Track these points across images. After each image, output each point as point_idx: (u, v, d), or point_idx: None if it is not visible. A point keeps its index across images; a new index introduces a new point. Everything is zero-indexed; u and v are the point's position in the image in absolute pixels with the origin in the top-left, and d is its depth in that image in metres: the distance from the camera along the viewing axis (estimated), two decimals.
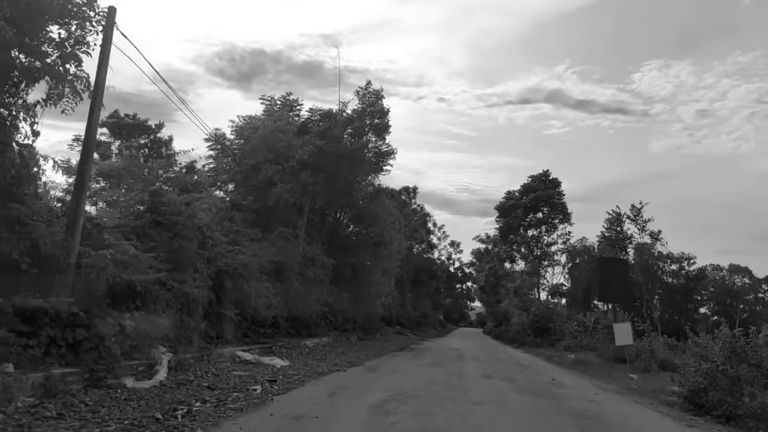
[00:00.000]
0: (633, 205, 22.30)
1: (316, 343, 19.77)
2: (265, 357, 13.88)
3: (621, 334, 16.21)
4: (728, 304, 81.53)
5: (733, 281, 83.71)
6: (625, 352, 17.41)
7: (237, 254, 15.34)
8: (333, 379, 11.46)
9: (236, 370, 11.61)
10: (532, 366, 18.84)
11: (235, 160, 24.87)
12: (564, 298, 53.98)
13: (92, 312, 8.61)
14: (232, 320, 14.78)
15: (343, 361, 15.53)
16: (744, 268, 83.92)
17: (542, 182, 39.38)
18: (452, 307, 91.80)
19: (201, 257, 13.94)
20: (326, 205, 27.84)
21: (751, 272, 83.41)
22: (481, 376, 13.87)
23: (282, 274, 19.59)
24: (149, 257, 11.45)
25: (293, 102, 27.25)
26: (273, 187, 21.96)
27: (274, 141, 22.87)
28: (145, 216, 12.65)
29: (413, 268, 51.52)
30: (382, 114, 27.25)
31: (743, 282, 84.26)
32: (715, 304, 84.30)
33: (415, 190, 49.95)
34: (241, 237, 17.90)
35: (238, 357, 13.04)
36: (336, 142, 24.46)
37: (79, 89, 9.31)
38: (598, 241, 57.72)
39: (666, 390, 12.82)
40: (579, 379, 15.15)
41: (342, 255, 29.07)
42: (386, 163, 26.49)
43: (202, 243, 14.40)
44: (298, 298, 20.19)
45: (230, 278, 14.88)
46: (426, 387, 10.97)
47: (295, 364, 13.70)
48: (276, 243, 19.77)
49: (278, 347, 16.03)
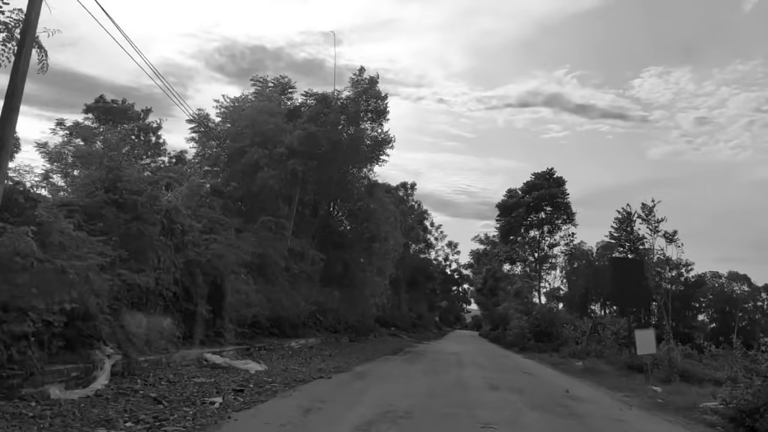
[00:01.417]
0: (644, 204, 20.54)
1: (302, 344, 17.96)
2: (239, 360, 12.08)
3: (643, 342, 14.41)
4: (727, 312, 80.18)
5: (732, 289, 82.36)
6: (642, 360, 15.67)
7: (210, 243, 13.53)
8: (313, 389, 9.67)
9: (199, 376, 9.81)
10: (539, 374, 17.09)
11: (220, 145, 23.06)
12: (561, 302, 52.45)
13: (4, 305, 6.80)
14: (203, 318, 12.97)
15: (329, 365, 13.72)
16: (743, 275, 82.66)
17: (546, 180, 37.64)
18: (448, 310, 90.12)
19: (167, 245, 12.13)
20: (318, 197, 26.03)
21: (750, 279, 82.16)
22: (486, 387, 12.10)
23: (266, 268, 17.79)
24: (97, 241, 9.64)
25: (286, 84, 25.43)
26: (259, 172, 20.18)
27: (261, 123, 21.07)
28: (98, 194, 10.82)
29: (409, 268, 49.72)
30: (378, 98, 25.46)
31: (742, 290, 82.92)
32: (713, 311, 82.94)
33: (413, 186, 48.15)
34: (220, 226, 16.08)
35: (206, 360, 11.24)
36: (330, 128, 22.68)
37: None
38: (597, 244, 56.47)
39: (699, 406, 11.11)
40: (595, 391, 13.39)
41: (334, 251, 27.27)
42: (383, 152, 24.70)
43: (169, 229, 12.59)
44: (283, 296, 18.39)
45: (202, 270, 13.08)
46: (423, 402, 9.19)
47: (273, 369, 11.89)
48: (259, 234, 17.96)
49: (257, 349, 14.23)
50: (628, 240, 25.78)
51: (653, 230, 20.12)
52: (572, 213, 37.83)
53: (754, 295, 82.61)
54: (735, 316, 77.39)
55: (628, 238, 25.83)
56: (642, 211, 20.85)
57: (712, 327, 78.43)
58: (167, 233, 12.38)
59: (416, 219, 50.09)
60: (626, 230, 26.47)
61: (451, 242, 66.62)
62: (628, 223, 26.01)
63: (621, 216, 26.97)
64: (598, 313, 54.72)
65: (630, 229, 25.63)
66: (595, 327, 28.71)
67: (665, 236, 19.63)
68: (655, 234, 19.99)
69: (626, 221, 26.40)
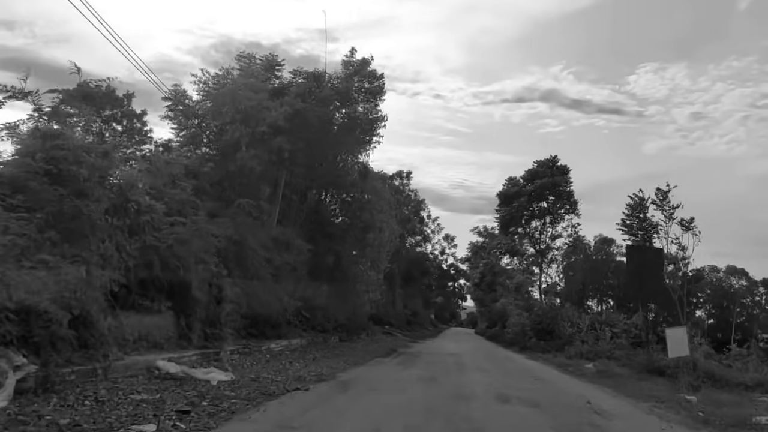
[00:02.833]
0: (659, 188, 18.64)
1: (283, 346, 16.02)
2: (201, 368, 10.13)
3: (675, 343, 12.48)
4: (725, 307, 79.02)
5: (730, 283, 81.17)
6: (672, 363, 13.83)
7: (172, 226, 11.53)
8: (283, 408, 7.71)
9: (142, 391, 7.83)
10: (549, 379, 15.24)
11: (200, 125, 20.98)
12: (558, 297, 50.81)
13: None
14: (162, 315, 11.01)
15: (310, 372, 11.78)
16: (740, 269, 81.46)
17: (549, 168, 35.73)
18: (443, 306, 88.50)
19: (116, 227, 10.15)
20: (308, 182, 24.01)
21: (747, 274, 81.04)
22: (495, 399, 10.20)
23: (244, 259, 15.81)
24: (15, 218, 7.65)
25: (273, 61, 23.32)
26: (238, 152, 18.17)
27: (243, 100, 18.99)
28: (25, 162, 8.80)
29: (405, 262, 47.86)
30: (373, 77, 23.46)
31: (740, 284, 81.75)
32: (711, 306, 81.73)
33: (408, 174, 46.07)
34: (191, 209, 14.06)
35: (157, 369, 9.26)
36: (320, 106, 20.66)
37: None
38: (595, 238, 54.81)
39: (752, 421, 9.34)
40: (620, 402, 11.53)
41: (325, 242, 25.32)
42: (376, 132, 22.71)
43: (121, 208, 10.61)
44: (264, 290, 16.44)
45: (162, 259, 11.09)
46: (420, 422, 7.30)
47: (242, 379, 9.95)
48: (237, 219, 15.96)
49: (228, 353, 12.27)
50: (642, 227, 23.85)
51: (668, 217, 18.17)
52: (575, 202, 36.02)
53: (752, 290, 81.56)
54: (733, 312, 76.25)
55: (641, 225, 23.91)
56: (656, 196, 18.88)
57: (710, 323, 77.32)
58: (118, 213, 10.39)
59: (413, 210, 48.06)
60: (638, 217, 24.57)
61: (448, 235, 64.81)
62: (640, 210, 24.11)
63: (633, 202, 25.05)
64: (594, 309, 53.37)
65: (643, 215, 23.73)
66: (592, 324, 27.24)
67: (681, 223, 17.70)
68: (670, 221, 18.03)
69: (639, 207, 24.48)
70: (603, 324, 26.42)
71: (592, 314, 35.41)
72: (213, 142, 19.73)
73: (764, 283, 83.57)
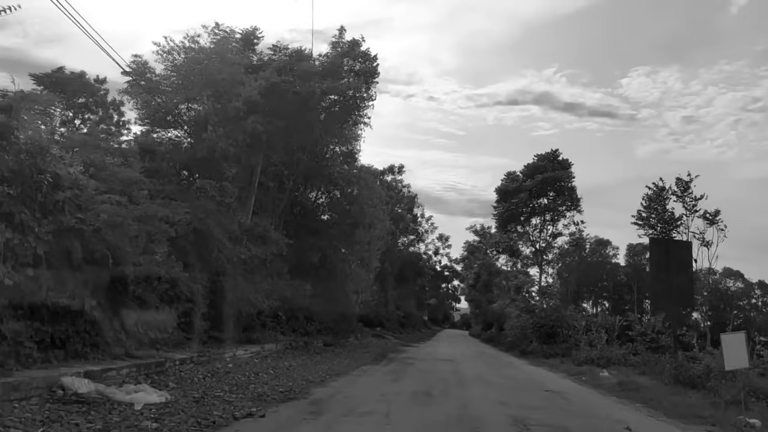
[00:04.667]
0: (679, 179, 16.48)
1: (253, 353, 13.65)
2: (128, 385, 7.77)
3: (732, 352, 10.15)
4: (722, 309, 77.71)
5: (726, 285, 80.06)
6: (734, 377, 11.55)
7: (101, 204, 9.15)
8: None
9: (22, 424, 5.48)
10: (566, 393, 12.96)
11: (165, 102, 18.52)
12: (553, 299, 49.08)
13: None
14: (85, 316, 8.63)
15: (275, 387, 9.39)
16: (736, 272, 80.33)
17: (550, 162, 33.54)
18: (437, 308, 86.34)
19: (17, 200, 7.79)
20: (288, 169, 21.66)
21: (743, 276, 79.96)
22: (510, 425, 7.91)
23: (206, 251, 13.45)
24: None
25: (251, 34, 20.96)
26: (204, 132, 15.82)
27: (213, 72, 16.62)
28: None
29: (397, 262, 45.57)
30: (366, 57, 21.19)
31: (737, 286, 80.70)
32: (708, 308, 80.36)
33: (401, 168, 43.70)
34: (138, 190, 11.69)
35: (62, 388, 6.89)
36: (301, 81, 18.34)
37: None
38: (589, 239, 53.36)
39: None
40: (666, 427, 9.31)
41: (309, 237, 23.04)
42: (363, 112, 20.43)
43: (32, 180, 8.24)
44: (231, 288, 14.08)
45: (84, 245, 8.72)
46: None
47: (181, 399, 7.59)
48: (198, 203, 13.61)
49: (175, 363, 9.87)
50: (661, 220, 21.62)
51: (689, 210, 16.03)
52: (577, 199, 33.88)
53: (748, 292, 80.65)
54: (730, 314, 75.02)
55: (661, 218, 21.68)
56: (677, 187, 16.73)
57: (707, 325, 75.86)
58: (24, 185, 8.03)
59: (406, 207, 45.70)
60: (657, 209, 22.33)
61: (442, 235, 62.49)
62: (659, 201, 21.88)
63: (652, 193, 22.84)
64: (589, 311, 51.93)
65: (662, 208, 21.50)
66: (588, 326, 25.46)
67: (705, 216, 15.56)
68: (692, 214, 15.88)
69: (657, 199, 22.26)
70: (599, 326, 24.87)
71: (588, 316, 33.76)
72: (179, 120, 17.34)
73: (761, 286, 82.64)
